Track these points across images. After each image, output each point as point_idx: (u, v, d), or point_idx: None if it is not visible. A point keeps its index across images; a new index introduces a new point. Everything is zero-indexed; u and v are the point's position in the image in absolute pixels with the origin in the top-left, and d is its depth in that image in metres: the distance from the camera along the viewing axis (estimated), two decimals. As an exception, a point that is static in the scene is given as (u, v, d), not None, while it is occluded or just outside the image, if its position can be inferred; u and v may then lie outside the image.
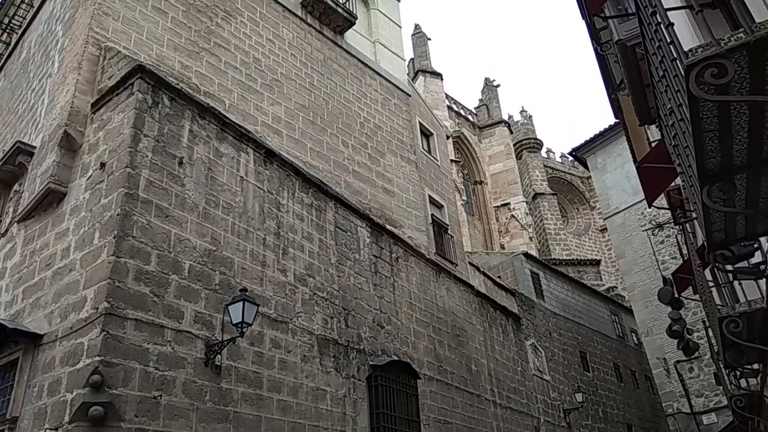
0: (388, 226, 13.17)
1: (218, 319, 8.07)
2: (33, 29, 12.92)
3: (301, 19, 14.13)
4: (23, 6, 13.78)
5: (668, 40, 2.80)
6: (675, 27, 3.17)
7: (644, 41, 3.46)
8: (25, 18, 13.68)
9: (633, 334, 22.97)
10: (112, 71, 9.07)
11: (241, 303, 7.52)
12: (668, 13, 3.40)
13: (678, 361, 15.42)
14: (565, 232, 36.25)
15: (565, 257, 32.12)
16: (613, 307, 23.45)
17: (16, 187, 9.52)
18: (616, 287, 28.42)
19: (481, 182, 35.66)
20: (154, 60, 9.98)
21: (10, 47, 14.04)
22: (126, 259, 7.28)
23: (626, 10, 6.82)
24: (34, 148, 9.34)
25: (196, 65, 10.88)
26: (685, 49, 2.83)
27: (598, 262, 30.99)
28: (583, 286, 22.86)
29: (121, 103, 8.56)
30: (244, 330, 7.57)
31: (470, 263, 16.87)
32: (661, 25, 2.89)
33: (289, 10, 13.88)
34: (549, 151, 42.02)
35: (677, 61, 2.70)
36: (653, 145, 8.47)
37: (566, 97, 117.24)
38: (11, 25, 14.15)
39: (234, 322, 7.53)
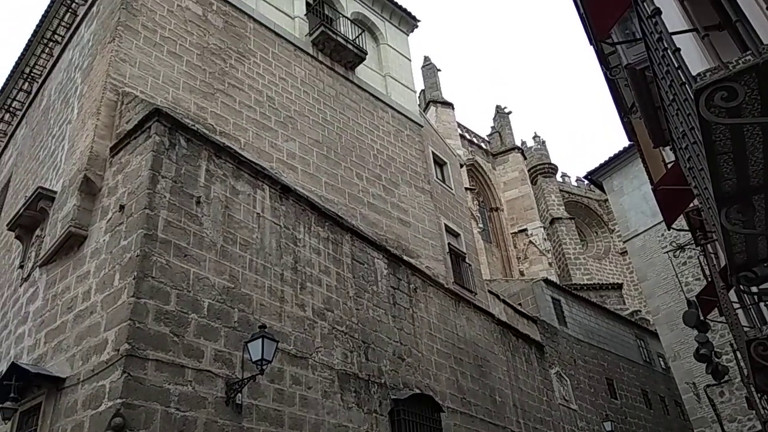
0: (405, 257, 13.13)
1: (238, 356, 8.04)
2: (53, 78, 13.33)
3: (312, 57, 14.40)
4: (43, 56, 14.24)
5: (676, 65, 2.81)
6: (683, 49, 3.17)
7: (652, 66, 3.46)
8: (45, 67, 14.13)
9: (660, 359, 22.44)
10: (129, 115, 9.29)
11: (260, 340, 7.50)
12: (676, 36, 3.42)
13: (708, 386, 14.99)
14: (584, 257, 35.82)
15: (586, 282, 31.67)
16: (638, 331, 22.98)
17: (38, 232, 9.69)
18: (640, 311, 27.88)
19: (497, 209, 35.53)
20: (170, 103, 10.21)
21: (32, 96, 14.47)
22: (146, 299, 7.33)
23: (633, 35, 6.85)
24: (55, 193, 9.54)
25: (211, 106, 11.11)
26: (694, 72, 2.83)
27: (620, 286, 30.50)
28: (606, 310, 22.47)
29: (139, 146, 8.74)
30: (264, 367, 7.54)
31: (489, 291, 16.71)
32: (668, 51, 2.90)
33: (301, 49, 14.17)
34: (564, 175, 41.86)
35: (686, 86, 2.70)
36: (669, 166, 8.41)
37: (579, 121, 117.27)
38: (32, 74, 14.61)
39: (254, 359, 7.50)
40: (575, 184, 42.01)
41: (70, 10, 13.66)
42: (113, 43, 10.14)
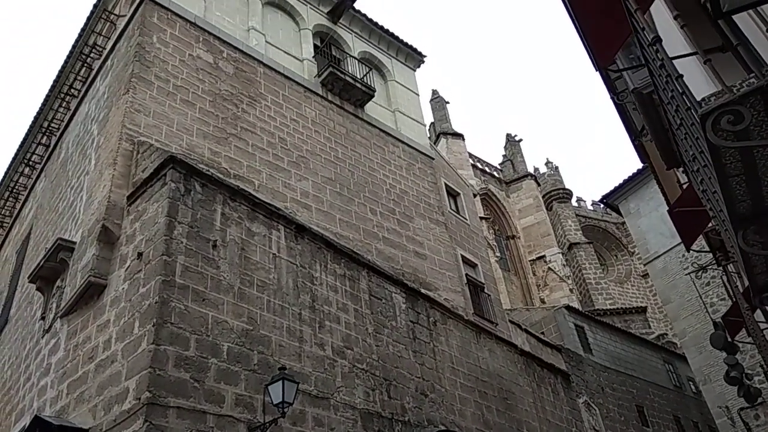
0: (422, 290, 13.05)
1: (259, 400, 7.98)
2: (70, 131, 13.68)
3: (322, 97, 14.64)
4: (60, 109, 14.64)
5: (680, 91, 2.82)
6: (687, 72, 3.18)
7: (657, 91, 3.47)
8: (62, 120, 14.51)
9: (691, 383, 21.82)
10: (145, 164, 9.47)
11: (280, 382, 7.45)
12: (680, 60, 3.43)
13: (742, 409, 14.52)
14: (606, 281, 35.30)
15: (609, 307, 31.13)
16: (666, 355, 22.43)
17: (58, 283, 9.81)
18: (666, 334, 27.27)
19: (513, 237, 35.31)
20: (185, 149, 10.40)
21: (50, 149, 14.83)
22: (165, 346, 7.34)
23: (638, 59, 6.90)
24: (75, 243, 9.68)
25: (225, 150, 11.29)
26: (699, 96, 2.83)
27: (644, 310, 29.93)
28: (632, 335, 22.01)
29: (155, 193, 8.88)
30: (286, 410, 7.46)
31: (511, 321, 16.48)
32: (671, 77, 2.91)
33: (311, 90, 14.42)
34: (579, 200, 41.62)
35: (692, 111, 2.70)
36: (684, 187, 8.34)
37: (590, 145, 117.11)
38: (50, 128, 15.01)
39: (275, 402, 7.44)
40: (591, 208, 41.71)
41: (85, 64, 14.09)
42: (128, 95, 10.41)
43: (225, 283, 8.64)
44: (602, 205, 30.45)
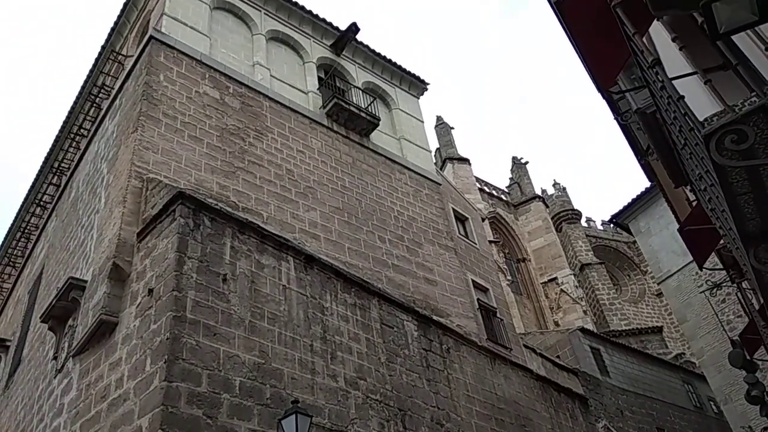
0: (434, 317, 12.95)
1: (273, 435, 7.88)
2: (80, 170, 13.85)
3: (327, 127, 14.79)
4: (71, 149, 14.87)
5: (682, 112, 2.82)
6: (689, 91, 3.19)
7: (660, 112, 3.48)
8: (72, 160, 14.72)
9: (711, 403, 21.34)
10: (154, 200, 9.56)
11: (293, 416, 7.37)
12: (681, 79, 3.44)
13: (765, 428, 14.15)
14: (620, 301, 34.87)
15: (624, 327, 30.69)
16: (685, 375, 22.01)
17: (70, 322, 9.83)
18: (684, 353, 26.80)
19: (524, 260, 35.09)
20: (193, 184, 10.49)
21: (61, 188, 15.01)
22: (177, 382, 7.30)
23: (640, 79, 6.93)
24: (86, 282, 9.72)
25: (233, 184, 11.38)
26: (701, 116, 2.83)
27: (660, 329, 29.48)
28: (649, 356, 21.65)
29: (165, 229, 8.94)
30: (300, 444, 7.36)
31: (525, 345, 16.27)
32: (672, 98, 2.93)
33: (316, 122, 14.57)
34: (589, 220, 41.41)
35: (695, 131, 2.71)
36: (693, 204, 8.29)
37: (596, 165, 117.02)
38: (61, 167, 15.22)
39: (289, 436, 7.34)
40: (601, 228, 41.47)
41: (94, 104, 14.35)
42: (136, 133, 10.57)
43: (236, 316, 8.63)
44: (612, 225, 30.30)
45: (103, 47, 15.64)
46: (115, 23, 15.55)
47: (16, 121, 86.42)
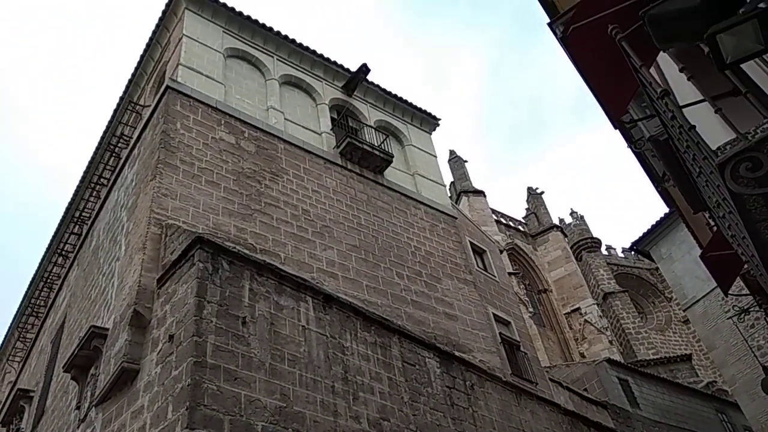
0: (456, 353, 12.76)
1: (297, 480, 7.74)
2: (101, 218, 14.09)
3: (341, 166, 14.94)
4: (91, 199, 15.16)
5: (694, 141, 2.82)
6: (701, 119, 3.19)
7: (672, 141, 3.48)
8: (93, 209, 14.99)
9: (748, 433, 20.59)
10: (173, 246, 9.66)
11: (317, 460, 7.24)
12: (692, 106, 3.44)
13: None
14: (646, 330, 34.12)
15: (652, 357, 29.95)
16: (718, 404, 21.30)
17: (92, 371, 9.85)
18: (715, 382, 26.01)
19: (545, 291, 34.64)
20: (211, 228, 10.60)
21: (82, 237, 15.25)
22: (200, 429, 7.24)
23: (651, 106, 6.93)
24: (107, 330, 9.78)
25: (250, 226, 11.48)
26: (715, 143, 2.83)
27: (689, 357, 28.72)
28: (680, 386, 21.04)
29: (184, 274, 9.01)
30: (324, 490, 7.21)
31: (551, 379, 15.93)
32: (683, 128, 2.93)
33: (330, 161, 14.74)
34: (609, 247, 40.92)
35: (708, 160, 2.69)
36: (714, 229, 8.17)
37: (613, 192, 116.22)
38: (82, 217, 15.50)
39: (313, 482, 7.20)
40: (622, 255, 40.92)
41: (113, 154, 14.69)
42: (155, 180, 10.76)
43: (256, 360, 8.59)
44: (633, 252, 29.88)
45: (121, 98, 16.09)
46: (133, 75, 16.03)
47: (39, 171, 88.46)
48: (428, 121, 19.16)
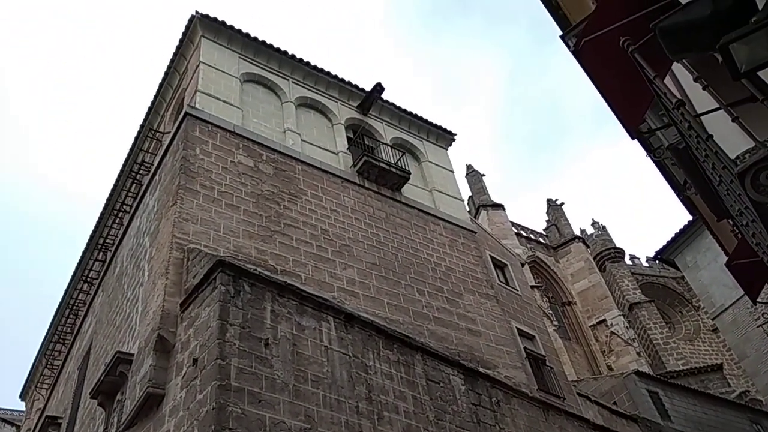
0: (481, 369, 12.62)
1: (323, 503, 7.68)
2: (124, 245, 14.30)
3: (359, 185, 15.00)
4: (114, 225, 15.42)
5: (713, 150, 2.79)
6: (719, 126, 3.15)
7: (691, 150, 3.44)
8: (116, 236, 15.23)
9: (786, 443, 19.95)
10: (195, 270, 9.75)
11: (344, 482, 7.18)
12: (710, 114, 3.40)
13: None
14: (674, 340, 33.41)
15: (682, 367, 29.27)
16: (752, 414, 20.68)
17: (118, 396, 9.93)
18: (748, 391, 25.30)
19: (569, 303, 34.16)
20: (232, 251, 10.70)
21: (106, 264, 15.47)
22: (225, 453, 7.24)
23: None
24: (132, 355, 9.87)
25: (270, 248, 11.56)
26: (735, 151, 2.79)
27: (720, 367, 28.00)
28: (712, 396, 20.50)
29: (207, 298, 9.08)
30: None
31: (579, 394, 15.66)
32: (701, 138, 2.90)
33: (348, 180, 14.82)
34: (633, 257, 40.29)
35: (728, 169, 2.66)
36: (739, 236, 8.02)
37: (634, 200, 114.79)
38: (105, 244, 15.74)
39: (340, 504, 7.14)
40: (647, 264, 40.27)
41: (135, 181, 14.94)
42: (176, 206, 10.91)
43: (279, 381, 8.58)
44: (658, 261, 29.41)
45: (141, 126, 16.41)
46: (152, 103, 16.35)
47: (63, 198, 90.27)
48: (444, 137, 19.20)
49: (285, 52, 16.34)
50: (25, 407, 23.09)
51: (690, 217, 16.93)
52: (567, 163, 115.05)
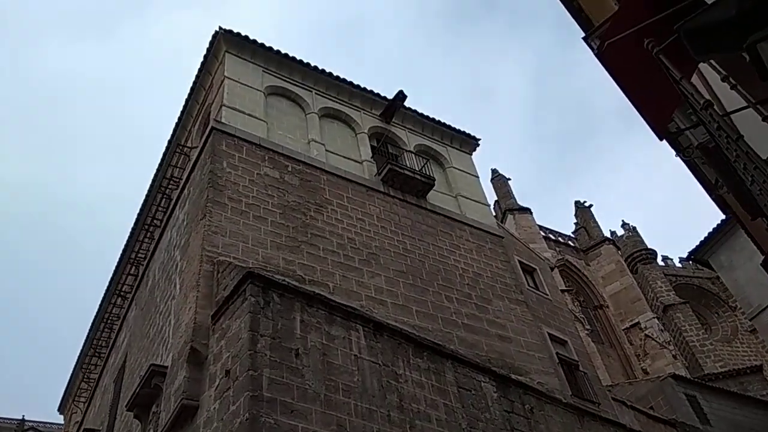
0: (513, 376, 12.48)
1: None
2: (156, 258, 14.56)
3: (384, 193, 15.03)
4: (146, 240, 15.71)
5: (744, 150, 2.73)
6: (749, 124, 3.09)
7: (722, 150, 3.38)
8: (148, 250, 15.52)
9: (834, 447, 19.24)
10: (225, 282, 9.88)
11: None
12: (740, 112, 3.33)
13: None
14: (711, 342, 32.57)
15: (720, 370, 28.49)
16: (797, 418, 20.05)
17: (154, 408, 10.09)
18: (792, 393, 24.51)
19: (601, 306, 33.58)
20: (261, 262, 10.81)
21: (139, 278, 15.77)
22: (259, 464, 7.29)
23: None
24: (166, 368, 10.03)
25: (298, 258, 11.65)
26: (765, 150, 2.73)
27: (759, 368, 27.15)
28: (752, 399, 19.93)
29: (237, 309, 9.18)
30: None
31: (614, 399, 15.37)
32: (731, 138, 2.85)
33: (373, 189, 14.87)
34: (666, 258, 39.47)
35: (760, 170, 2.61)
36: (776, 235, 7.82)
37: (663, 200, 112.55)
38: (137, 258, 16.05)
39: None
40: (680, 265, 39.42)
41: (165, 195, 15.22)
42: (205, 219, 11.09)
43: (311, 391, 8.62)
44: (691, 261, 28.74)
45: (169, 141, 16.73)
46: (179, 119, 16.66)
47: (92, 210, 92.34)
48: (468, 142, 19.13)
49: (308, 64, 16.51)
50: (63, 420, 23.62)
51: (723, 216, 16.53)
52: (594, 164, 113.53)
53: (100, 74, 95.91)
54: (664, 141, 7.26)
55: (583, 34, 7.46)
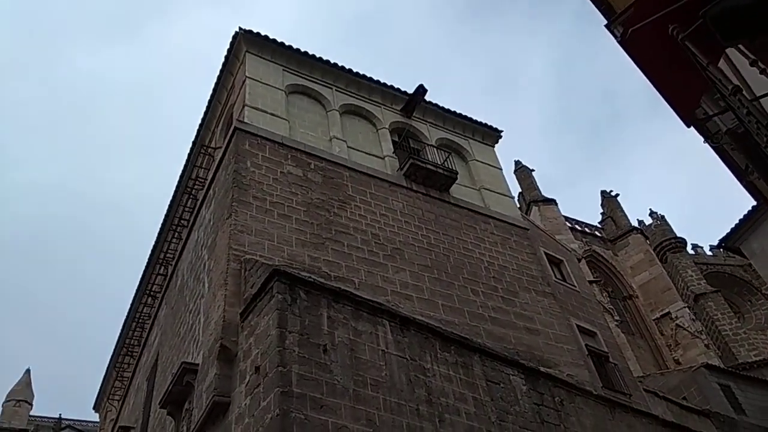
0: (541, 368, 12.40)
1: (389, 507, 7.72)
2: (184, 258, 14.79)
3: (407, 188, 15.03)
4: (173, 240, 15.96)
5: (774, 136, 2.68)
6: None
7: (752, 135, 3.30)
8: (176, 250, 15.77)
9: None
10: (252, 280, 10.00)
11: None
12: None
13: None
14: (744, 330, 31.89)
15: (754, 359, 27.89)
16: (836, 406, 19.54)
17: (186, 405, 10.28)
18: (830, 382, 23.88)
19: (630, 297, 33.10)
20: (286, 260, 10.91)
21: (168, 278, 16.04)
22: (291, 459, 7.38)
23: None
24: (197, 365, 10.20)
25: (323, 255, 11.73)
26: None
27: (796, 357, 26.58)
28: (789, 388, 19.47)
29: (265, 306, 9.29)
30: None
31: (646, 390, 15.17)
32: (761, 124, 2.78)
33: (395, 184, 14.87)
34: (695, 246, 38.71)
35: (792, 155, 2.55)
36: (810, 220, 7.62)
37: (694, 188, 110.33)
38: (166, 258, 16.32)
39: (405, 508, 7.16)
40: (710, 253, 38.63)
41: (191, 196, 15.44)
42: (231, 218, 11.23)
43: (339, 386, 8.69)
44: (722, 249, 28.15)
45: (194, 143, 16.95)
46: (203, 120, 16.87)
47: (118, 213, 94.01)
48: (490, 135, 19.00)
49: (327, 61, 16.56)
50: (99, 418, 24.19)
51: (754, 203, 16.15)
52: (620, 153, 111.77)
53: (126, 76, 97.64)
54: (692, 127, 7.12)
55: (605, 22, 7.34)
